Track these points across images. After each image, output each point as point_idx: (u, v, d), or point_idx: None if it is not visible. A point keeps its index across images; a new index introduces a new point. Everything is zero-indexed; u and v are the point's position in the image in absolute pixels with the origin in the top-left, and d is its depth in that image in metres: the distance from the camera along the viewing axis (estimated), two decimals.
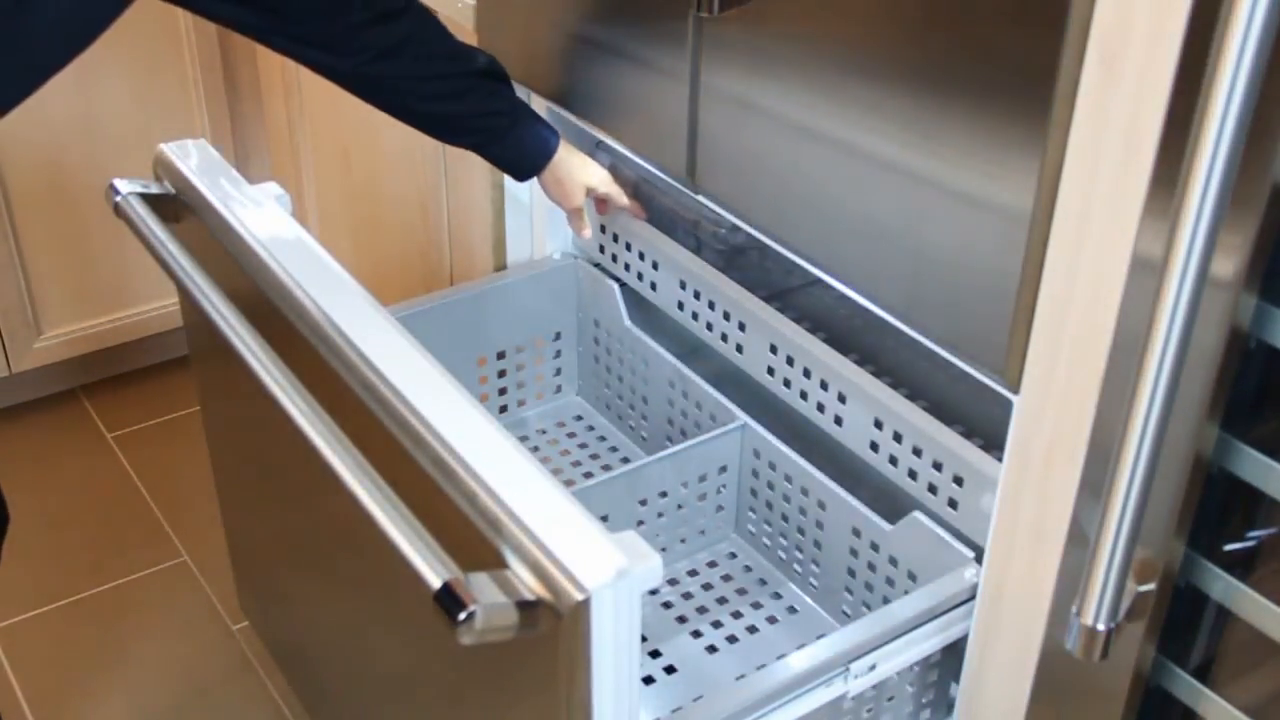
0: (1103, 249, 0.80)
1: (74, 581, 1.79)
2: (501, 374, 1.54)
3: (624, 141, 1.25)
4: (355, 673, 1.22)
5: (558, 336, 1.57)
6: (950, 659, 1.11)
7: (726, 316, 1.33)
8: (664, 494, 1.34)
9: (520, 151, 1.31)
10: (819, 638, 1.02)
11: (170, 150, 1.24)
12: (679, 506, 1.36)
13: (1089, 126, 0.78)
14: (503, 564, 0.81)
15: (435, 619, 0.77)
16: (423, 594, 0.78)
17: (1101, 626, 0.78)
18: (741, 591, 1.36)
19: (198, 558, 1.84)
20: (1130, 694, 0.87)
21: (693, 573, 1.38)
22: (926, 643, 1.06)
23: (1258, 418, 0.77)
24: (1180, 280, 0.67)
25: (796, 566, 1.35)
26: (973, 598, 1.04)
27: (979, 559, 1.06)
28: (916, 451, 1.14)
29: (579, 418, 1.59)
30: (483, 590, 0.78)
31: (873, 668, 1.03)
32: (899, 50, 0.90)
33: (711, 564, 1.39)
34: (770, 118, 1.04)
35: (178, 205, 1.22)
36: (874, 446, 1.19)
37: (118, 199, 1.19)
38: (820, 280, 1.44)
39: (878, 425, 1.17)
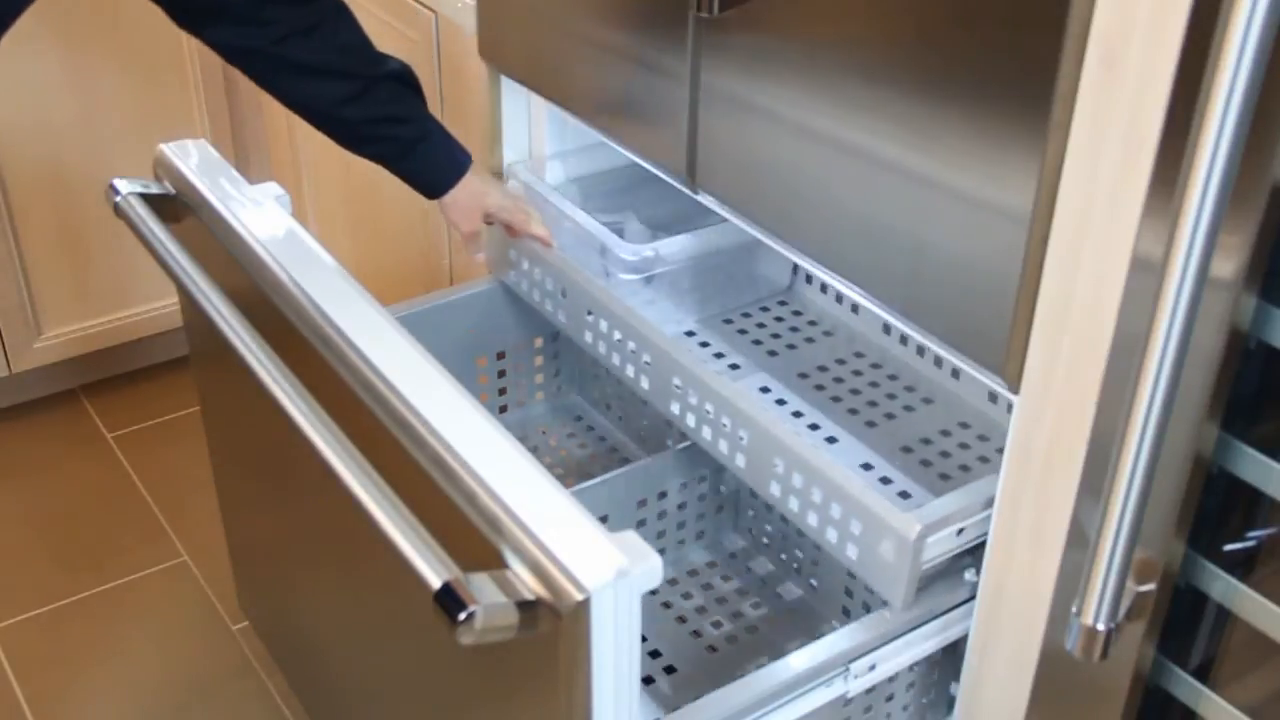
0: (1103, 249, 0.80)
1: (74, 581, 1.79)
2: (501, 374, 1.54)
3: (624, 141, 1.25)
4: (355, 672, 1.22)
5: (557, 336, 1.57)
6: (950, 659, 1.11)
7: (633, 349, 1.26)
8: (664, 494, 1.34)
9: (431, 166, 1.28)
10: (819, 638, 1.02)
11: (170, 150, 1.24)
12: (679, 506, 1.36)
13: (1089, 126, 0.78)
14: (503, 564, 0.81)
15: (435, 619, 0.77)
16: (423, 594, 0.78)
17: (1101, 626, 0.78)
18: (742, 592, 1.36)
19: (198, 558, 1.84)
20: (1130, 694, 0.87)
21: (693, 573, 1.38)
22: (926, 643, 1.06)
23: (1258, 418, 0.77)
24: (1180, 280, 0.67)
25: (796, 566, 1.35)
26: (973, 598, 1.04)
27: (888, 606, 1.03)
28: (816, 493, 1.07)
29: (579, 418, 1.59)
30: (483, 590, 0.78)
31: (873, 668, 1.03)
32: (899, 50, 0.90)
33: (711, 564, 1.39)
34: (770, 117, 1.04)
35: (178, 205, 1.22)
36: (775, 486, 1.11)
37: (118, 199, 1.19)
38: (740, 310, 1.44)
39: (777, 464, 1.10)
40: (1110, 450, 0.83)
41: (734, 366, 1.35)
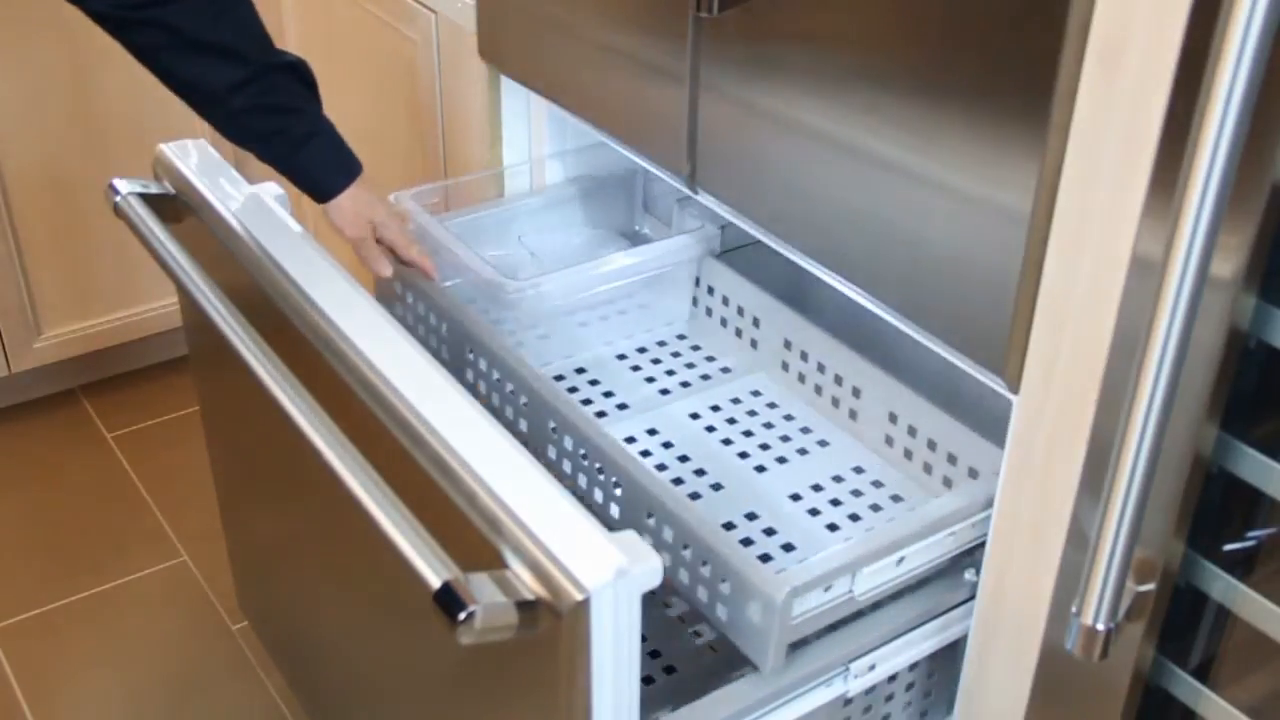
0: (1103, 249, 0.80)
1: (74, 581, 1.79)
2: None
3: (624, 141, 1.25)
4: (354, 672, 1.22)
5: None
6: (950, 659, 1.11)
7: (511, 390, 1.20)
8: None
9: (320, 165, 1.22)
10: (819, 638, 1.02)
11: (170, 150, 1.24)
12: None
13: (1089, 126, 0.78)
14: (502, 564, 0.81)
15: (435, 619, 0.77)
16: (422, 594, 0.78)
17: (1101, 626, 0.78)
18: None
19: (198, 558, 1.84)
20: (1130, 694, 0.87)
21: None
22: (926, 643, 1.06)
23: (1258, 418, 0.77)
24: (1180, 280, 0.67)
25: None
26: (972, 597, 1.04)
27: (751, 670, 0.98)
28: (686, 550, 1.01)
29: None
30: (482, 590, 0.78)
31: (873, 668, 1.03)
32: (899, 50, 0.90)
33: None
34: (770, 117, 1.04)
35: (177, 205, 1.22)
36: (648, 540, 1.02)
37: (118, 199, 1.19)
38: (636, 346, 1.39)
39: (649, 516, 1.05)
40: (1110, 450, 0.83)
41: (622, 406, 1.30)
